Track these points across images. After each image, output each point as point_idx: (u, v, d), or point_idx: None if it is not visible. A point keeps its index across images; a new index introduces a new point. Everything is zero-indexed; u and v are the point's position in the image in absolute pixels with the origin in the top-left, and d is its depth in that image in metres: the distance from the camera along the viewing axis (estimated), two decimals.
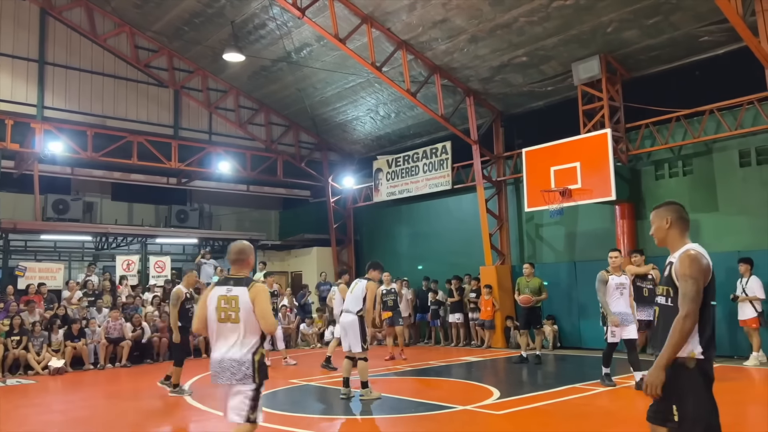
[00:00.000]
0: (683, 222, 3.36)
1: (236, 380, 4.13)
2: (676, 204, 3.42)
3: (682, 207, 3.41)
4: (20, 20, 15.34)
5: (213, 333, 4.27)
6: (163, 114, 17.43)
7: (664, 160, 12.30)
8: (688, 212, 3.45)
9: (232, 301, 4.20)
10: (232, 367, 4.14)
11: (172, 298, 8.58)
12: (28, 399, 8.91)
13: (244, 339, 4.17)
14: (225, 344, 4.20)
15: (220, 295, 4.25)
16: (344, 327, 8.01)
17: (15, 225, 13.55)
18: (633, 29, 11.27)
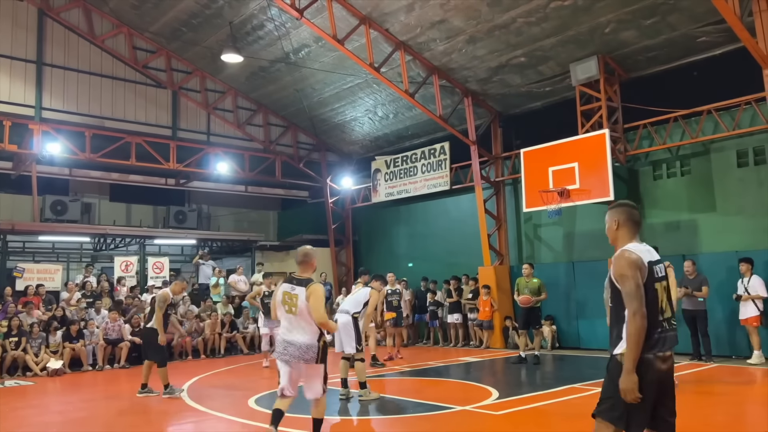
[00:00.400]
0: (632, 224, 3.45)
1: (304, 361, 5.02)
2: (627, 206, 3.52)
3: (633, 209, 3.50)
4: (18, 21, 15.32)
5: (282, 319, 5.23)
6: (161, 115, 17.42)
7: (662, 161, 12.33)
8: (639, 214, 3.52)
9: (294, 298, 5.07)
10: (298, 349, 5.03)
11: (159, 300, 8.46)
12: (27, 400, 8.90)
13: (306, 327, 5.03)
14: (289, 329, 5.11)
15: (284, 291, 5.16)
16: (342, 328, 8.00)
17: (13, 226, 13.54)
18: (631, 30, 11.29)
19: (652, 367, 3.20)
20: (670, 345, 3.29)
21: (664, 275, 3.38)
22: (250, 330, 14.29)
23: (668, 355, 3.28)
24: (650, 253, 3.37)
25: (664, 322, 3.28)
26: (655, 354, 3.21)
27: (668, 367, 3.29)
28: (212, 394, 8.73)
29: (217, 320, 13.87)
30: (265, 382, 9.80)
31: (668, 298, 3.38)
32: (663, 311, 3.30)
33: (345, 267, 19.14)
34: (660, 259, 3.44)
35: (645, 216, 12.46)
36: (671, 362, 3.32)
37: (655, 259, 3.37)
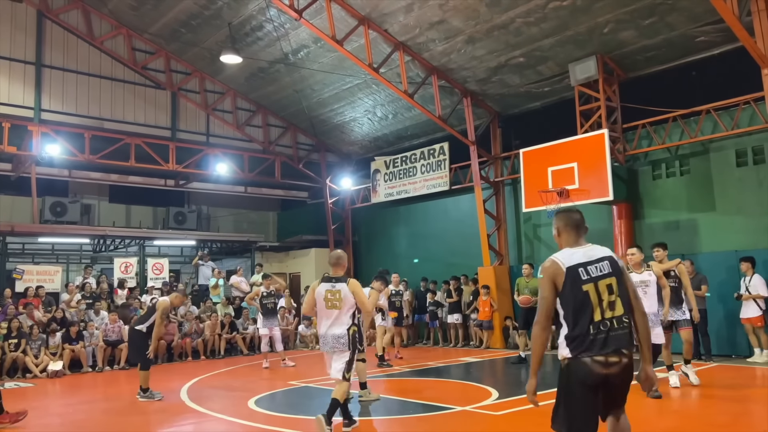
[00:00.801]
0: (571, 229, 3.45)
1: (338, 348, 5.84)
2: (565, 212, 3.54)
3: (572, 213, 3.50)
4: (17, 23, 15.32)
5: (321, 315, 5.98)
6: (160, 116, 17.42)
7: (661, 160, 12.33)
8: (581, 218, 3.49)
9: (337, 294, 5.90)
10: (334, 339, 5.85)
11: (161, 308, 8.48)
12: (27, 402, 8.88)
13: (342, 320, 5.86)
14: (328, 323, 5.91)
15: (326, 289, 5.93)
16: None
17: (12, 228, 13.54)
18: (629, 30, 11.30)
19: (586, 369, 3.15)
20: (615, 346, 3.17)
21: (605, 273, 3.26)
22: (250, 331, 14.28)
23: (612, 360, 3.15)
24: (585, 255, 3.31)
25: (603, 322, 3.19)
26: (592, 357, 3.15)
27: (613, 371, 3.16)
28: (212, 395, 8.73)
29: (216, 321, 13.88)
30: (264, 383, 9.80)
31: (622, 294, 3.27)
32: (603, 311, 3.20)
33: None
34: (604, 257, 3.33)
35: (644, 216, 12.47)
36: (619, 366, 3.17)
37: (593, 259, 3.30)
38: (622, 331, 3.22)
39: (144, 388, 8.34)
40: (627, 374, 3.23)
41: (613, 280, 3.27)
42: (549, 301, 3.27)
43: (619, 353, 3.17)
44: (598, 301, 3.21)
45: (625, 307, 3.27)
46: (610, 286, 3.25)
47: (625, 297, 3.29)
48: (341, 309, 5.87)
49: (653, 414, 6.63)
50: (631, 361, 3.24)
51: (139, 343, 8.47)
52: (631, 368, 3.24)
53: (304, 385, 9.34)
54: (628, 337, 3.24)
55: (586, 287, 3.22)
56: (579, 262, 3.27)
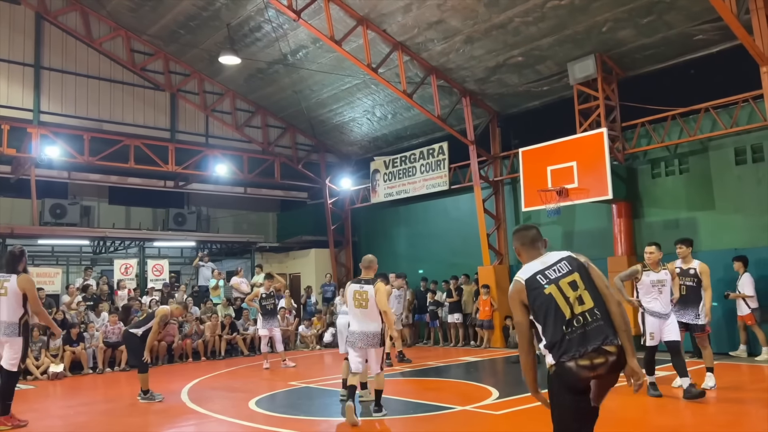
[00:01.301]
0: (527, 246, 3.52)
1: (370, 345, 6.63)
2: (518, 231, 3.61)
3: (524, 233, 3.55)
4: (16, 25, 15.33)
5: (351, 314, 6.79)
6: (159, 117, 17.43)
7: (660, 159, 12.34)
8: (536, 233, 3.53)
9: (364, 294, 6.61)
10: (366, 336, 6.62)
11: (159, 316, 8.49)
12: (28, 404, 8.89)
13: (374, 317, 6.60)
14: (359, 322, 6.67)
15: (355, 290, 6.69)
16: (343, 328, 8.13)
17: (12, 230, 13.55)
18: (628, 29, 11.30)
19: (572, 375, 3.14)
20: (596, 342, 3.12)
21: (564, 273, 3.28)
22: (250, 332, 14.29)
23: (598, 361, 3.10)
24: (541, 263, 3.37)
25: (576, 318, 3.17)
26: (576, 361, 3.12)
27: (600, 372, 3.12)
28: (213, 396, 8.73)
29: (217, 322, 13.88)
30: (265, 384, 9.80)
31: (589, 288, 3.25)
32: (572, 307, 3.19)
33: (345, 268, 19.14)
34: (561, 258, 3.36)
35: (644, 214, 12.48)
36: (606, 366, 3.12)
37: (549, 264, 3.34)
38: (597, 323, 3.17)
39: (144, 390, 8.35)
40: (617, 369, 3.19)
41: (575, 276, 3.27)
42: (524, 325, 3.33)
43: (604, 352, 3.12)
44: (565, 300, 3.21)
45: (594, 300, 3.23)
46: (573, 283, 3.26)
47: (593, 290, 3.27)
48: (368, 308, 6.57)
49: (653, 414, 6.64)
50: (618, 357, 3.15)
51: (135, 346, 8.48)
52: (619, 363, 3.17)
53: (305, 385, 9.35)
54: (608, 329, 3.17)
55: (548, 290, 3.25)
56: (536, 270, 3.33)
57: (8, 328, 6.79)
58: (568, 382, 3.16)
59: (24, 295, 6.85)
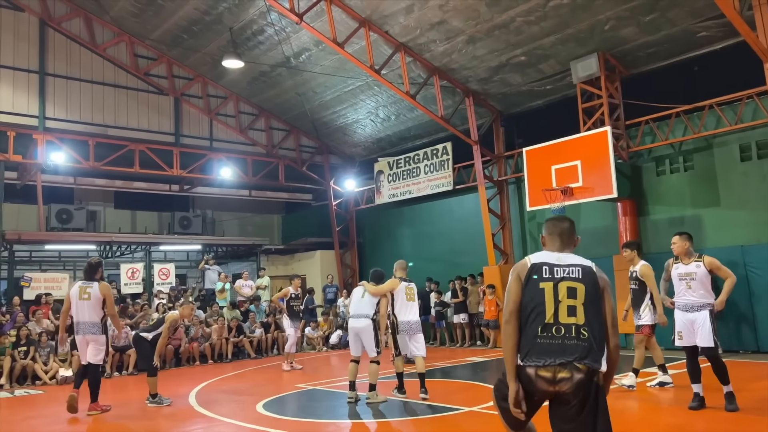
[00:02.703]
0: (553, 237, 3.25)
1: (418, 331, 8.22)
2: (552, 219, 3.35)
3: (558, 223, 3.29)
4: (20, 32, 15.42)
5: (404, 307, 8.17)
6: (163, 122, 17.50)
7: (664, 156, 12.32)
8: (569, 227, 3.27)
9: (412, 290, 8.36)
10: (415, 325, 8.18)
11: (169, 321, 8.58)
12: (37, 410, 8.95)
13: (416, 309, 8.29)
14: (413, 313, 8.20)
15: (406, 286, 8.23)
16: (357, 332, 7.99)
17: (19, 236, 13.62)
18: (630, 26, 11.29)
19: (530, 383, 2.96)
20: (565, 354, 2.86)
21: (572, 277, 3.01)
22: (257, 334, 14.33)
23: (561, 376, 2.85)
24: (557, 258, 3.12)
25: (557, 326, 2.93)
26: (537, 369, 2.92)
27: (563, 389, 2.87)
28: (220, 400, 8.76)
29: (223, 325, 13.92)
30: (272, 386, 9.81)
31: (589, 306, 2.97)
32: (558, 314, 2.94)
33: (350, 269, 19.16)
34: (580, 264, 3.08)
35: (649, 212, 12.45)
36: (571, 383, 2.86)
37: (564, 263, 3.07)
38: (581, 342, 2.89)
39: (153, 394, 8.39)
40: (585, 393, 2.86)
41: (580, 286, 2.99)
42: (514, 293, 3.06)
43: (573, 368, 2.85)
44: (554, 302, 2.95)
45: (589, 321, 2.94)
46: (572, 289, 2.98)
47: (594, 311, 2.97)
48: (415, 301, 8.20)
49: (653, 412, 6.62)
50: (588, 378, 2.86)
51: (145, 350, 8.53)
52: (586, 386, 2.87)
53: (312, 388, 9.37)
54: (593, 352, 2.88)
55: (543, 284, 3.00)
56: (546, 260, 3.10)
57: (92, 327, 7.94)
58: (527, 385, 2.97)
59: (103, 299, 7.98)
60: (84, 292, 7.98)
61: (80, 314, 7.98)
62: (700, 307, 6.36)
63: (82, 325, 7.94)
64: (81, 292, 8.01)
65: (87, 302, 7.95)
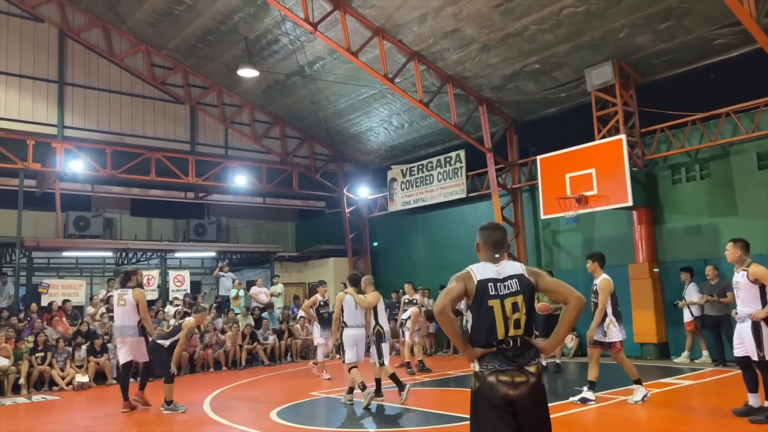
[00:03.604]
0: (488, 246, 3.53)
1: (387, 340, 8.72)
2: (484, 229, 3.63)
3: (490, 233, 3.56)
4: (39, 42, 15.70)
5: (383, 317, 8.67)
6: (179, 130, 17.69)
7: (681, 164, 12.22)
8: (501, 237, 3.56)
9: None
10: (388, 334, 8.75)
11: (186, 329, 8.68)
12: (54, 415, 9.05)
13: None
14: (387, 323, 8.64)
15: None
16: (357, 340, 8.44)
17: (38, 243, 13.81)
18: (645, 34, 11.24)
19: (493, 390, 3.17)
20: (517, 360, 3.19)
21: (512, 291, 3.28)
22: (270, 341, 14.37)
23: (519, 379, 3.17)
24: (496, 272, 3.35)
25: (506, 340, 3.22)
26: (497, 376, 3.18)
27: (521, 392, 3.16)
28: (234, 407, 8.80)
29: (237, 332, 13.98)
30: (286, 394, 9.83)
31: (527, 313, 3.27)
32: (507, 329, 3.22)
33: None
34: (514, 275, 3.34)
35: (664, 221, 12.35)
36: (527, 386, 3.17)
37: (503, 276, 3.32)
38: (524, 348, 3.24)
39: (168, 401, 8.45)
40: (537, 397, 3.21)
41: (519, 298, 3.28)
42: (453, 289, 3.30)
43: (525, 372, 3.19)
44: (503, 318, 3.23)
45: (527, 325, 3.28)
46: (515, 304, 3.27)
47: (530, 313, 3.29)
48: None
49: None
50: (539, 381, 3.22)
51: (162, 357, 8.61)
52: (540, 390, 3.22)
53: (325, 396, 9.38)
54: (532, 351, 3.26)
55: (492, 302, 3.26)
56: (489, 277, 3.33)
57: (130, 329, 8.66)
58: (489, 398, 3.18)
59: (137, 304, 8.65)
60: (121, 299, 8.79)
61: (118, 319, 8.84)
62: (744, 317, 6.26)
63: (120, 329, 8.73)
64: (118, 299, 8.86)
65: (123, 308, 8.72)
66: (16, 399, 10.44)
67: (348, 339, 8.42)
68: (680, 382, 9.34)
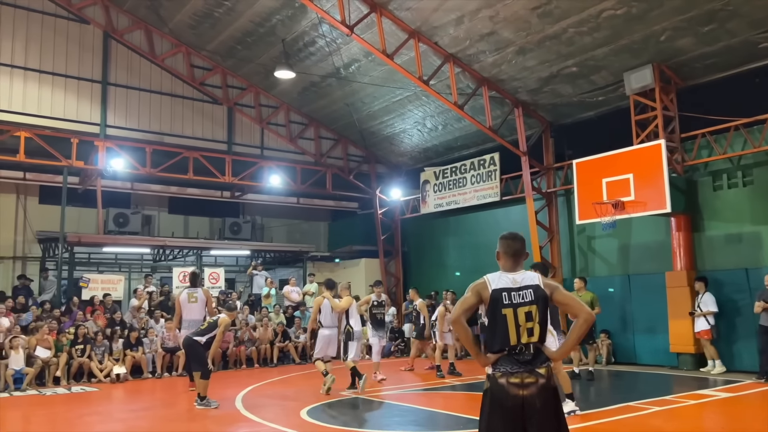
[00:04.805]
0: (507, 256, 3.61)
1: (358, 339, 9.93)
2: (504, 238, 3.67)
3: (509, 242, 3.62)
4: (85, 44, 16.17)
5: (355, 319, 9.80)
6: (217, 130, 18.00)
7: (722, 171, 11.91)
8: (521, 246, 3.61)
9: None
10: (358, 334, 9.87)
11: (223, 325, 8.91)
12: (91, 407, 9.32)
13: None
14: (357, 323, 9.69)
15: (356, 303, 9.55)
16: (331, 338, 9.83)
17: (80, 238, 14.22)
18: (687, 37, 11.00)
19: (503, 391, 3.33)
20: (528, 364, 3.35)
21: (527, 301, 3.41)
22: (302, 340, 14.52)
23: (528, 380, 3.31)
24: (512, 281, 3.47)
25: (519, 347, 3.38)
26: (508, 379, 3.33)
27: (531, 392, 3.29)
28: (265, 404, 8.92)
29: (267, 329, 14.16)
30: (316, 393, 9.90)
31: (541, 323, 3.40)
32: (520, 336, 3.38)
33: (394, 278, 19.21)
34: (530, 285, 3.46)
35: (704, 228, 12.05)
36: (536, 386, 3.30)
37: (518, 286, 3.46)
38: (535, 354, 3.40)
39: (202, 396, 8.61)
40: (546, 397, 3.32)
41: (534, 307, 3.42)
42: (468, 303, 3.52)
43: (534, 373, 3.33)
44: (516, 326, 3.39)
45: (541, 334, 3.42)
46: (529, 313, 3.41)
47: (543, 323, 3.43)
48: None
49: None
50: (549, 383, 3.35)
51: (198, 353, 8.77)
52: (549, 391, 3.34)
53: (355, 396, 9.42)
54: (544, 358, 3.41)
55: (505, 311, 3.42)
56: (504, 286, 3.47)
57: (198, 323, 9.64)
58: (500, 399, 3.33)
59: (206, 301, 10.37)
60: (191, 297, 10.37)
61: (190, 314, 10.22)
62: None
63: (191, 322, 9.95)
64: (189, 297, 10.36)
65: (195, 304, 10.32)
66: (56, 389, 10.79)
67: (322, 337, 9.72)
68: (717, 394, 9.10)
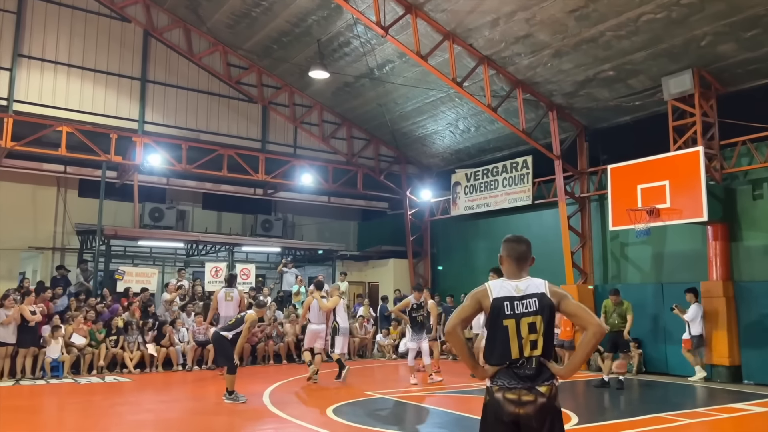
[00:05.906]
0: (511, 260, 3.46)
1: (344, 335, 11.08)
2: (509, 241, 3.56)
3: (514, 245, 3.50)
4: (125, 42, 16.57)
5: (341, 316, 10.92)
6: (251, 128, 18.25)
7: (763, 179, 11.58)
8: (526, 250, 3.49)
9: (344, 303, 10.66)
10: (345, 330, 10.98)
11: (249, 321, 9.06)
12: (124, 397, 9.56)
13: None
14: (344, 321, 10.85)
15: (343, 302, 10.14)
16: (318, 334, 10.78)
17: (116, 232, 14.58)
18: (729, 42, 10.73)
19: (499, 407, 3.13)
20: (528, 380, 3.12)
21: (531, 311, 3.19)
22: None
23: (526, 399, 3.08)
24: (515, 289, 3.27)
25: (521, 360, 3.14)
26: (504, 393, 3.13)
27: (527, 411, 3.07)
28: (292, 401, 9.02)
29: (297, 326, 14.28)
30: (343, 391, 9.98)
31: (545, 334, 3.17)
32: (522, 348, 3.15)
33: (423, 279, 19.18)
34: (535, 294, 3.24)
35: (742, 238, 11.74)
36: (534, 406, 3.08)
37: (522, 295, 3.24)
38: (539, 368, 3.16)
39: (230, 391, 8.75)
40: (544, 419, 3.08)
41: (538, 318, 3.19)
42: (465, 309, 3.28)
43: (534, 391, 3.10)
44: (518, 339, 3.16)
45: (545, 347, 3.18)
46: (533, 324, 3.18)
47: (548, 335, 3.20)
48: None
49: None
50: (550, 402, 3.10)
51: (225, 348, 8.91)
52: (550, 412, 3.10)
53: (381, 396, 9.46)
54: (547, 374, 3.16)
55: (507, 322, 3.18)
56: (506, 295, 3.25)
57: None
58: (496, 413, 3.15)
59: (239, 300, 11.65)
60: (228, 296, 11.57)
61: (226, 311, 11.22)
62: None
63: (225, 319, 10.54)
64: (226, 296, 11.55)
65: (231, 302, 11.48)
66: (90, 378, 11.09)
67: (310, 332, 10.84)
68: (751, 408, 8.87)
